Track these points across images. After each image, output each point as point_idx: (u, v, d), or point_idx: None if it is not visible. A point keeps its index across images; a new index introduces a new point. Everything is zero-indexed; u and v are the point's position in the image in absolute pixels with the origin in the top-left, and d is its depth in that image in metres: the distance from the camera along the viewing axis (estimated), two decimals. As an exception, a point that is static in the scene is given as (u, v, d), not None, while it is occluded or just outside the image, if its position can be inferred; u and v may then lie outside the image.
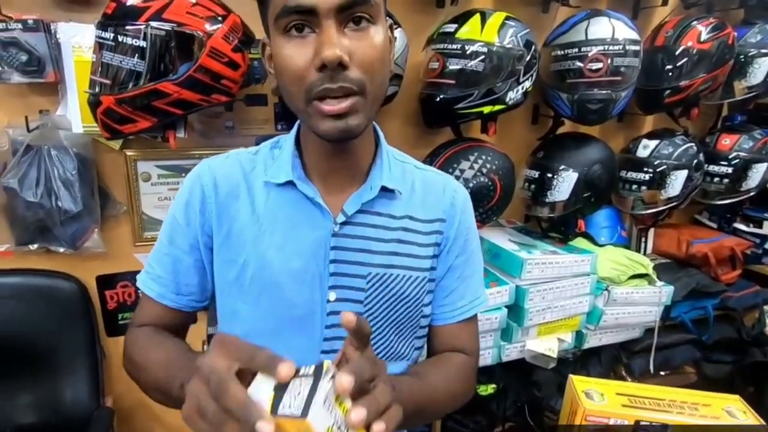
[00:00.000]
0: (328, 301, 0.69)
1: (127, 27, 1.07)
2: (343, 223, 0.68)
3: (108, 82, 1.10)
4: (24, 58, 1.20)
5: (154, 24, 1.07)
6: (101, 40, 1.09)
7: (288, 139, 0.73)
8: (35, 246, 1.32)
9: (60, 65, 1.25)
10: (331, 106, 0.57)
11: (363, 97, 0.58)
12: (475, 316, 0.80)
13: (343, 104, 0.57)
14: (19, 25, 1.18)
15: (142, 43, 1.07)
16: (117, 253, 1.45)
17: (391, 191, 0.71)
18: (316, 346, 0.69)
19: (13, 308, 1.32)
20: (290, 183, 0.68)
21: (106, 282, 1.47)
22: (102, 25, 1.09)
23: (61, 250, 1.33)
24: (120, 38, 1.07)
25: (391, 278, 0.70)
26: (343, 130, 0.59)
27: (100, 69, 1.10)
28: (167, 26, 1.08)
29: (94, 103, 1.12)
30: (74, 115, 1.27)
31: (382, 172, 0.70)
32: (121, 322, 1.52)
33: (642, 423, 0.69)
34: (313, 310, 0.69)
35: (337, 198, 0.70)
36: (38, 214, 1.27)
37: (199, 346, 1.43)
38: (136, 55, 1.08)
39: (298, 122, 0.73)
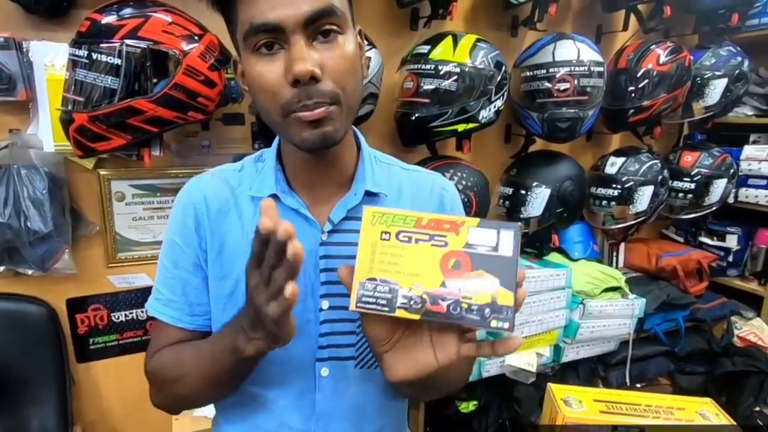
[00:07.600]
0: (321, 309, 0.69)
1: (102, 45, 1.07)
2: (331, 232, 0.69)
3: (81, 99, 1.10)
4: (-6, 76, 1.18)
5: (129, 42, 1.08)
6: (75, 58, 1.09)
7: (270, 152, 0.74)
8: (2, 268, 1.28)
9: (31, 84, 1.24)
10: (307, 111, 0.58)
11: (338, 105, 0.60)
12: None
13: (318, 110, 0.58)
14: (-10, 44, 1.17)
15: (117, 61, 1.08)
16: (89, 275, 1.41)
17: (376, 195, 0.71)
18: (311, 354, 0.69)
19: (-24, 334, 1.27)
20: (274, 196, 0.68)
21: (76, 305, 1.42)
22: (76, 43, 1.09)
23: (30, 272, 1.29)
24: (94, 56, 1.08)
25: None
26: (321, 137, 0.60)
27: (73, 86, 1.10)
28: (143, 44, 1.09)
29: (66, 121, 1.11)
30: (46, 133, 1.26)
31: (365, 176, 0.71)
32: (92, 347, 1.46)
33: (619, 427, 0.70)
34: (307, 320, 0.68)
35: (325, 207, 0.70)
36: (6, 235, 1.23)
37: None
38: (111, 72, 1.08)
39: (278, 136, 0.74)
